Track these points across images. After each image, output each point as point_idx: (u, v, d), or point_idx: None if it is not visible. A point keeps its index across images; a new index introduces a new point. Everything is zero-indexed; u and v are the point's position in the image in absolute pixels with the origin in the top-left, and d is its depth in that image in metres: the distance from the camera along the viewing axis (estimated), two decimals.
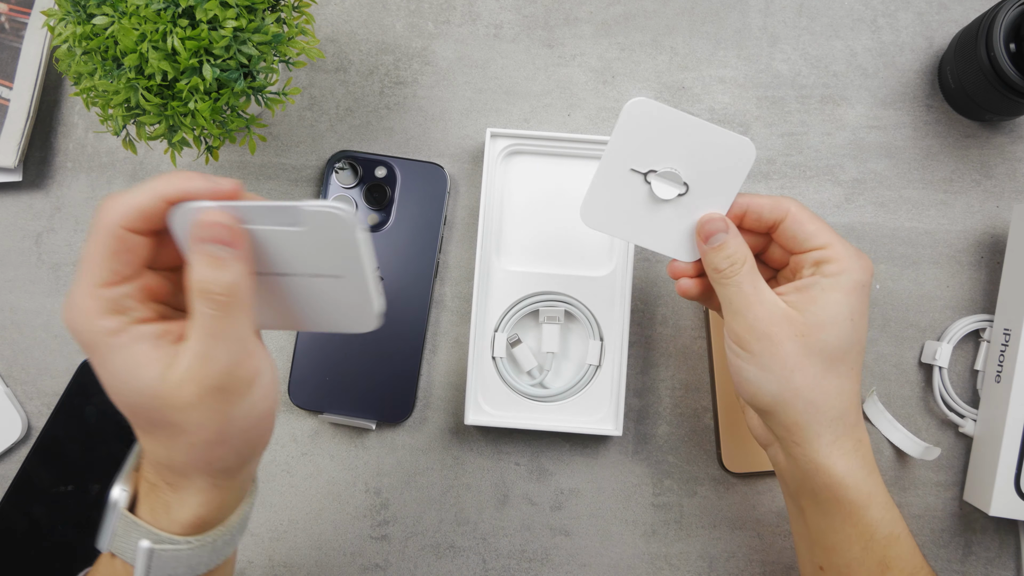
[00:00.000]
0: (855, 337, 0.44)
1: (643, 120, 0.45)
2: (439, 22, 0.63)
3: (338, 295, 0.41)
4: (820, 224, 0.46)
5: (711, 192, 0.47)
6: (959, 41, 0.59)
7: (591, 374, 0.59)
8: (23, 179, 0.62)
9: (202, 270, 0.36)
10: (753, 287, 0.45)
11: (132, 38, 0.45)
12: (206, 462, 0.38)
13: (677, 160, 0.46)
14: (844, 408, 0.45)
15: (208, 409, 0.36)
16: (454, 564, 0.60)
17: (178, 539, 0.39)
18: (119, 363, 0.36)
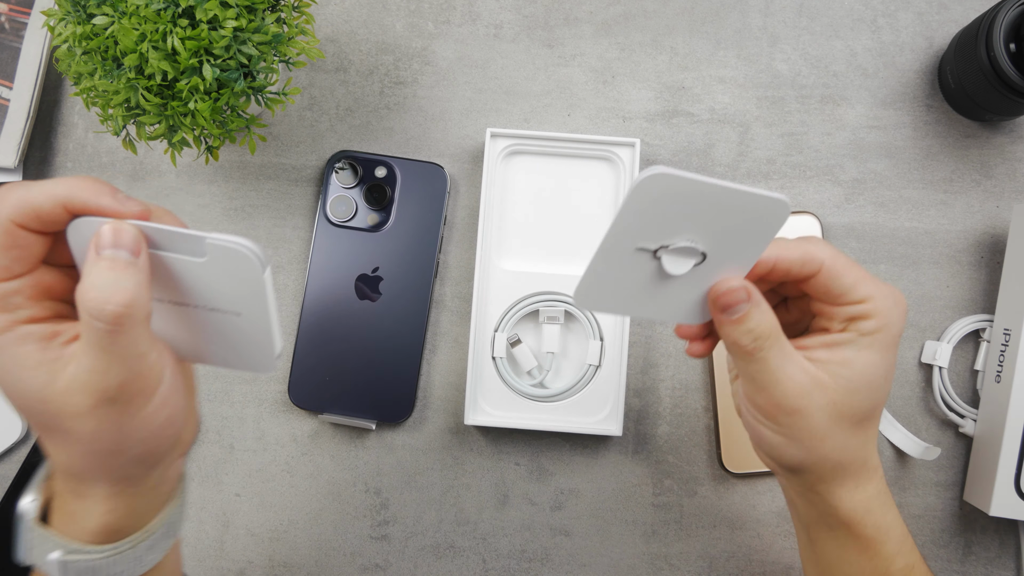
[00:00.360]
0: (886, 391, 0.41)
1: (658, 195, 0.35)
2: (439, 22, 0.63)
3: (237, 332, 0.39)
4: (857, 273, 0.40)
5: (731, 257, 0.39)
6: (959, 41, 0.59)
7: (591, 374, 0.59)
8: (23, 179, 0.62)
9: (99, 277, 0.32)
10: (781, 359, 0.39)
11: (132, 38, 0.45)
12: (105, 470, 0.36)
13: (694, 230, 0.37)
14: (867, 455, 0.42)
15: (101, 420, 0.34)
16: (454, 564, 0.60)
17: (90, 548, 0.36)
18: (5, 363, 0.33)
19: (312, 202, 0.62)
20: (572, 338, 0.60)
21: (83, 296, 0.32)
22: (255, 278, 0.36)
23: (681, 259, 0.38)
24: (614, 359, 0.59)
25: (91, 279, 0.32)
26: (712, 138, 0.62)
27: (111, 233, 0.33)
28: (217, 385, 0.61)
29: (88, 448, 0.35)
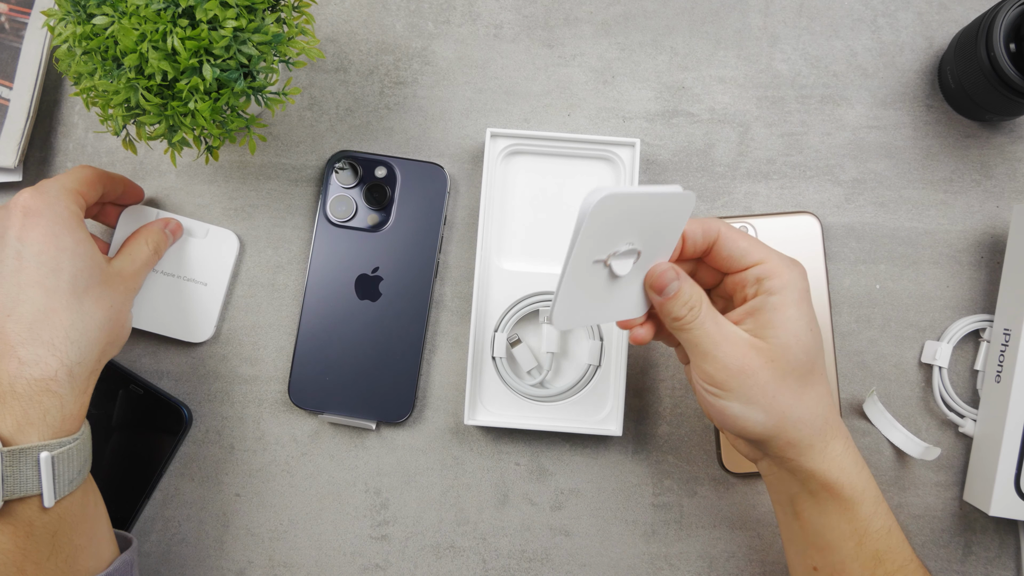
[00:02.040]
0: (816, 344, 0.45)
1: (608, 213, 0.42)
2: (439, 22, 0.63)
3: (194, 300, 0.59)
4: (751, 240, 0.46)
5: (658, 249, 0.46)
6: (959, 41, 0.59)
7: (591, 374, 0.59)
8: (23, 179, 0.62)
9: (161, 238, 0.57)
10: (716, 324, 0.45)
11: (132, 38, 0.45)
12: (107, 340, 0.48)
13: (632, 234, 0.44)
14: (826, 413, 0.46)
15: (125, 295, 0.51)
16: (454, 564, 0.60)
17: (67, 439, 0.43)
18: (83, 235, 0.49)
19: (312, 202, 0.62)
20: (572, 338, 0.60)
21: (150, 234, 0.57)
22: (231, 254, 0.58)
23: (625, 260, 0.45)
24: (614, 359, 0.59)
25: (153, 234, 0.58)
26: (712, 138, 0.62)
27: (178, 230, 0.60)
28: (217, 385, 0.61)
29: (109, 314, 0.49)
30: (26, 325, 0.43)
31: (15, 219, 0.46)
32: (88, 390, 0.46)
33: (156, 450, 0.60)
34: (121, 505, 0.59)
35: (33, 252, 0.45)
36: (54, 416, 0.42)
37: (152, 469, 0.60)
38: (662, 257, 0.46)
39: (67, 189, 0.49)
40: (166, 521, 0.61)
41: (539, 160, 0.61)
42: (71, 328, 0.45)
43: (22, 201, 0.47)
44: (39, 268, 0.45)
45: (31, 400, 0.43)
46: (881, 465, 0.60)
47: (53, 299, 0.44)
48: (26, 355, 0.43)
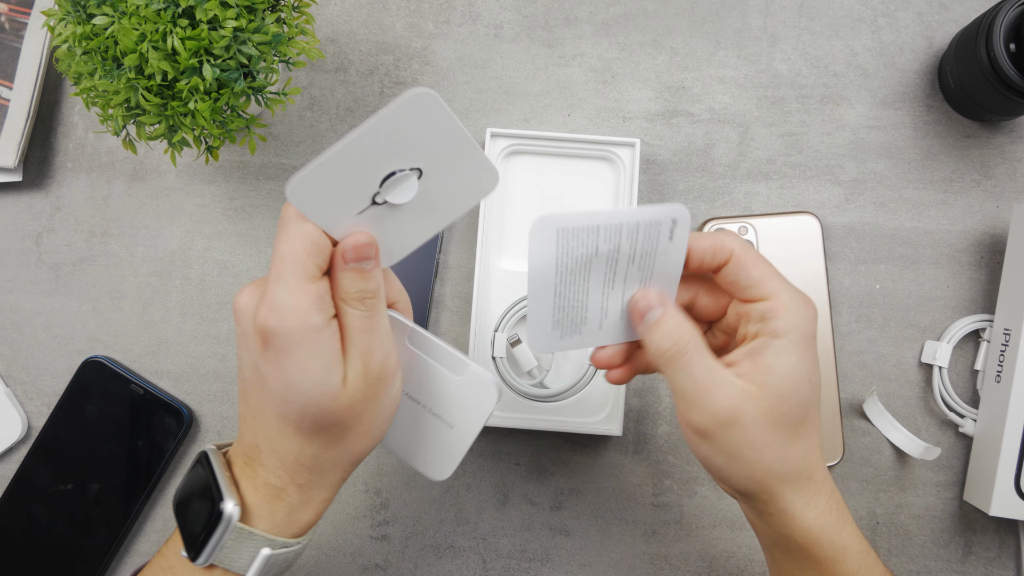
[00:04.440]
0: (814, 395, 0.41)
1: (315, 190, 0.38)
2: (439, 22, 0.63)
3: (437, 438, 0.46)
4: (765, 269, 0.42)
5: (446, 153, 0.39)
6: (959, 41, 0.59)
7: (591, 374, 0.59)
8: (23, 179, 0.62)
9: (352, 283, 0.39)
10: (706, 368, 0.40)
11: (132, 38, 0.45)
12: (350, 454, 0.41)
13: (384, 166, 0.39)
14: (811, 468, 0.42)
15: (368, 401, 0.40)
16: (454, 564, 0.60)
17: (291, 541, 0.41)
18: (315, 363, 0.38)
19: None
20: None
21: (343, 291, 0.40)
22: (489, 405, 0.45)
23: (402, 187, 0.40)
24: None
25: (346, 282, 0.39)
26: (712, 138, 0.62)
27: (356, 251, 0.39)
28: (217, 385, 0.61)
29: (351, 432, 0.41)
30: (266, 436, 0.41)
31: (252, 340, 0.39)
32: (327, 499, 0.43)
33: (156, 450, 0.60)
34: (121, 506, 0.59)
35: (269, 381, 0.40)
36: (281, 518, 0.41)
37: (152, 469, 0.60)
38: (463, 157, 0.40)
39: (298, 288, 0.38)
40: (166, 521, 0.61)
41: (539, 160, 0.61)
42: (300, 455, 0.41)
43: (259, 320, 0.38)
44: (273, 397, 0.40)
45: (267, 501, 0.41)
46: (881, 465, 0.60)
47: (278, 427, 0.41)
48: (265, 461, 0.41)
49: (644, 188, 0.62)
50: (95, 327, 0.62)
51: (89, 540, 0.59)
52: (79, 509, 0.59)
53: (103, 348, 0.62)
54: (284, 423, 0.40)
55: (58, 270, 0.62)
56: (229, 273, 0.62)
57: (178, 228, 0.62)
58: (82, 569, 0.59)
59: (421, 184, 0.40)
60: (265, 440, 0.41)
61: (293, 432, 0.40)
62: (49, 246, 0.62)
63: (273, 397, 0.39)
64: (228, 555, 0.40)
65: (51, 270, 0.62)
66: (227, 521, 0.40)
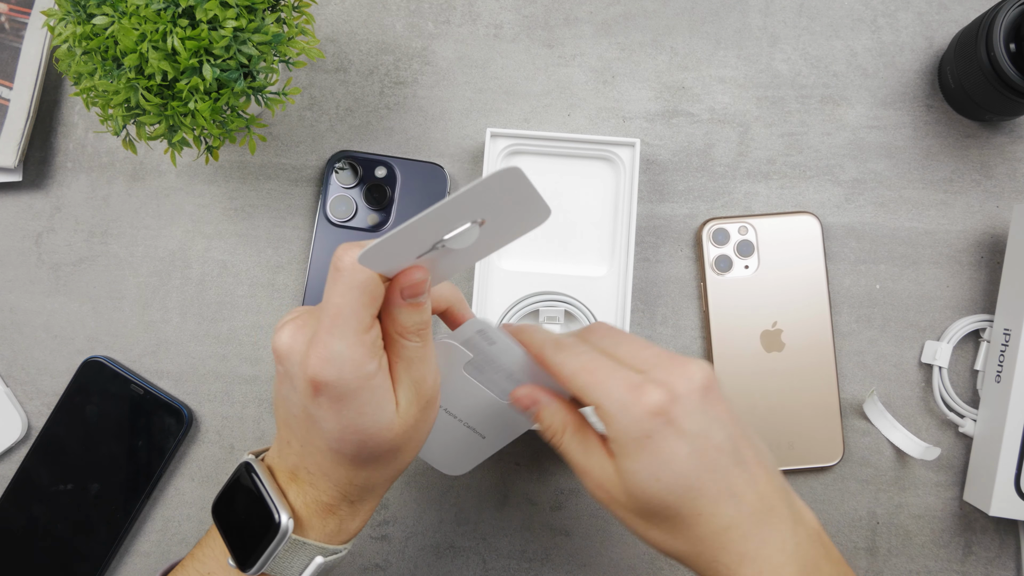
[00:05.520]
0: (676, 489, 0.39)
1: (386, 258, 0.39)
2: (439, 22, 0.63)
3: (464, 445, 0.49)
4: (583, 378, 0.40)
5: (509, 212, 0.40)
6: (959, 41, 0.59)
7: None
8: (23, 179, 0.62)
9: (408, 317, 0.40)
10: (580, 453, 0.42)
11: (132, 38, 0.45)
12: (398, 470, 0.43)
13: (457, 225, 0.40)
14: (715, 552, 0.39)
15: (420, 423, 0.41)
16: (454, 564, 0.60)
17: (339, 548, 0.43)
18: (372, 407, 0.39)
19: (312, 202, 0.62)
20: None
21: (399, 326, 0.40)
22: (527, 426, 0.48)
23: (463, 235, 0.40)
24: None
25: (401, 317, 0.40)
26: (712, 138, 0.62)
27: (411, 288, 0.39)
28: (217, 385, 0.61)
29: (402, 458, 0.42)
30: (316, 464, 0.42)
31: (301, 386, 0.39)
32: (374, 507, 0.45)
33: (156, 450, 0.60)
34: (121, 505, 0.59)
35: (323, 423, 0.39)
36: (332, 528, 0.43)
37: (152, 469, 0.60)
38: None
39: (354, 340, 0.38)
40: (166, 521, 0.61)
41: (539, 160, 0.61)
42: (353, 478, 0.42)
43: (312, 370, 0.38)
44: (326, 434, 0.40)
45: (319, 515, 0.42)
46: (881, 465, 0.60)
47: (332, 459, 0.41)
48: (317, 482, 0.42)
49: (644, 188, 0.62)
50: (95, 327, 0.62)
51: (89, 540, 0.59)
52: (79, 509, 0.59)
53: (103, 348, 0.62)
54: (339, 456, 0.41)
55: (58, 270, 0.62)
56: (229, 273, 0.62)
57: (178, 228, 0.62)
58: (82, 569, 0.59)
59: (481, 228, 0.40)
60: (316, 466, 0.42)
61: (349, 464, 0.41)
62: (49, 246, 0.62)
63: (327, 436, 0.40)
64: (279, 564, 0.41)
65: (51, 270, 0.62)
66: (283, 533, 0.41)
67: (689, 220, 0.62)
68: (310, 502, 0.42)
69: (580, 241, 0.60)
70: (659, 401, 0.38)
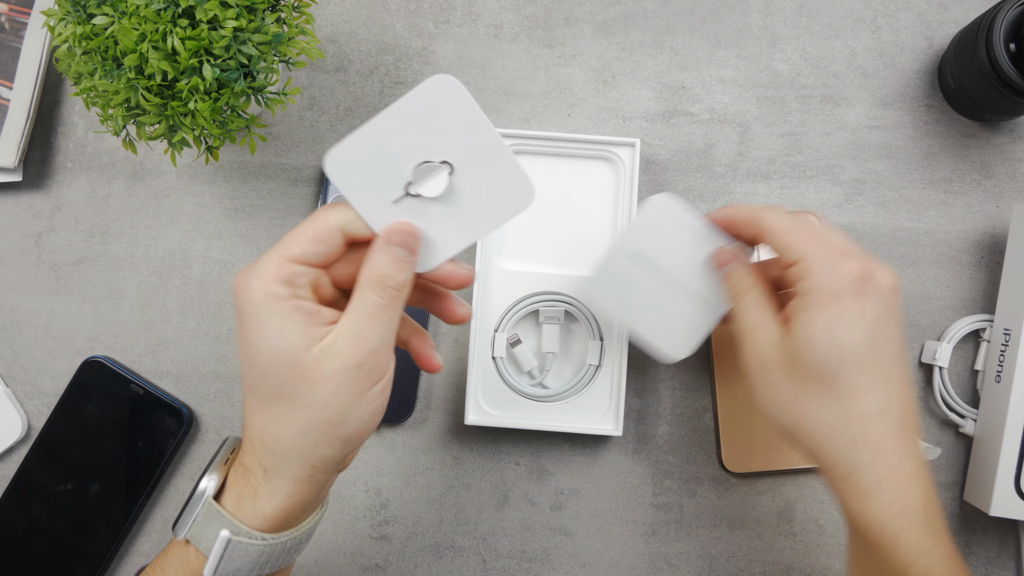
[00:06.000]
0: (845, 352, 0.41)
1: (351, 164, 0.41)
2: (439, 22, 0.63)
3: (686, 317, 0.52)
4: (795, 236, 0.44)
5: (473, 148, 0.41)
6: (959, 41, 0.59)
7: (591, 374, 0.59)
8: (23, 179, 0.62)
9: (384, 265, 0.40)
10: (758, 312, 0.45)
11: (132, 38, 0.45)
12: (314, 445, 0.39)
13: (416, 154, 0.41)
14: (855, 435, 0.41)
15: (339, 387, 0.38)
16: (454, 564, 0.60)
17: (254, 533, 0.40)
18: (271, 326, 0.38)
19: (312, 202, 0.62)
20: (572, 338, 0.60)
21: (371, 271, 0.40)
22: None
23: (433, 180, 0.41)
24: (614, 359, 0.59)
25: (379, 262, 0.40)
26: (712, 138, 0.62)
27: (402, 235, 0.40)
28: (217, 385, 0.61)
29: (313, 415, 0.39)
30: (245, 415, 0.41)
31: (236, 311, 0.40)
32: (293, 495, 0.40)
33: (156, 450, 0.60)
34: (121, 505, 0.59)
35: (239, 349, 0.40)
36: (246, 502, 0.40)
37: (152, 469, 0.60)
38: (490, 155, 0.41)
39: (272, 262, 0.39)
40: (166, 521, 0.61)
41: (539, 160, 0.61)
42: (263, 431, 0.40)
43: (239, 298, 0.39)
44: (242, 365, 0.40)
45: (236, 480, 0.41)
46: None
47: (249, 400, 0.40)
48: (244, 443, 0.41)
49: (644, 188, 0.62)
50: (95, 327, 0.62)
51: (89, 540, 0.59)
52: (79, 509, 0.59)
53: (103, 348, 0.62)
54: (249, 394, 0.40)
55: (58, 270, 0.62)
56: (229, 273, 0.62)
57: (178, 228, 0.62)
58: (82, 569, 0.59)
59: (453, 183, 0.41)
60: (245, 420, 0.41)
61: (256, 404, 0.40)
62: (49, 246, 0.62)
63: (242, 367, 0.40)
64: (199, 531, 0.40)
65: (51, 270, 0.62)
66: (200, 494, 0.40)
67: None
68: (236, 467, 0.41)
69: (580, 241, 0.60)
70: (860, 273, 0.42)
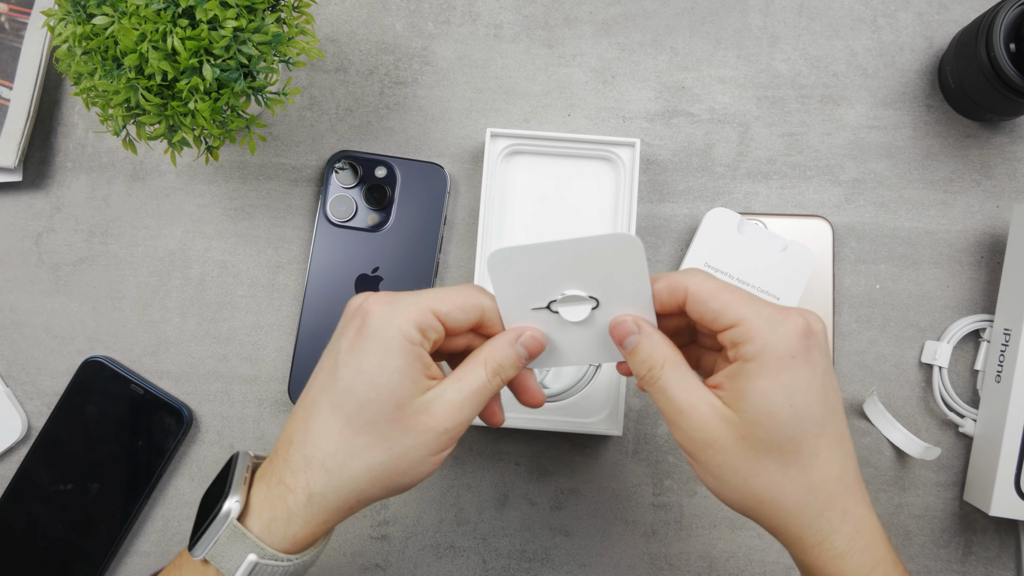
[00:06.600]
0: (803, 421, 0.38)
1: (510, 267, 0.41)
2: (439, 22, 0.63)
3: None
4: (729, 297, 0.39)
5: (623, 298, 0.42)
6: (959, 41, 0.59)
7: (591, 374, 0.59)
8: (23, 179, 0.62)
9: (507, 356, 0.42)
10: (682, 389, 0.40)
11: (132, 38, 0.45)
12: (372, 484, 0.40)
13: (569, 281, 0.41)
14: (821, 504, 0.39)
15: (422, 443, 0.40)
16: (454, 564, 0.60)
17: (280, 556, 0.40)
18: (395, 364, 0.40)
19: (312, 202, 0.62)
20: None
21: (493, 356, 0.42)
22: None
23: (575, 307, 0.42)
24: None
25: (503, 352, 0.42)
26: (712, 138, 0.62)
27: (532, 342, 0.43)
28: (217, 385, 0.61)
29: (388, 459, 0.40)
30: (303, 429, 0.41)
31: (351, 329, 0.42)
32: (327, 523, 0.41)
33: (156, 450, 0.60)
34: (121, 506, 0.59)
35: (344, 368, 0.41)
36: (279, 527, 0.40)
37: (152, 469, 0.60)
38: (634, 306, 0.42)
39: (417, 308, 0.41)
40: (166, 521, 0.61)
41: (539, 160, 0.61)
42: (331, 456, 0.40)
43: (371, 301, 0.41)
44: (337, 383, 0.41)
45: (270, 500, 0.41)
46: (881, 465, 0.60)
47: (331, 420, 0.40)
48: (290, 458, 0.41)
49: (644, 188, 0.62)
50: (95, 327, 0.62)
51: (89, 540, 0.59)
52: (79, 509, 0.59)
53: (103, 348, 0.62)
54: (335, 413, 0.40)
55: (58, 270, 0.62)
56: (229, 273, 0.62)
57: (178, 228, 0.62)
58: (82, 569, 0.59)
59: (592, 314, 0.42)
60: (302, 433, 0.41)
61: (338, 427, 0.40)
62: (49, 246, 0.62)
63: (338, 386, 0.40)
64: (221, 552, 0.40)
65: (51, 270, 0.62)
66: (224, 516, 0.40)
67: (689, 220, 0.62)
68: (273, 485, 0.41)
69: None
70: (804, 328, 0.38)
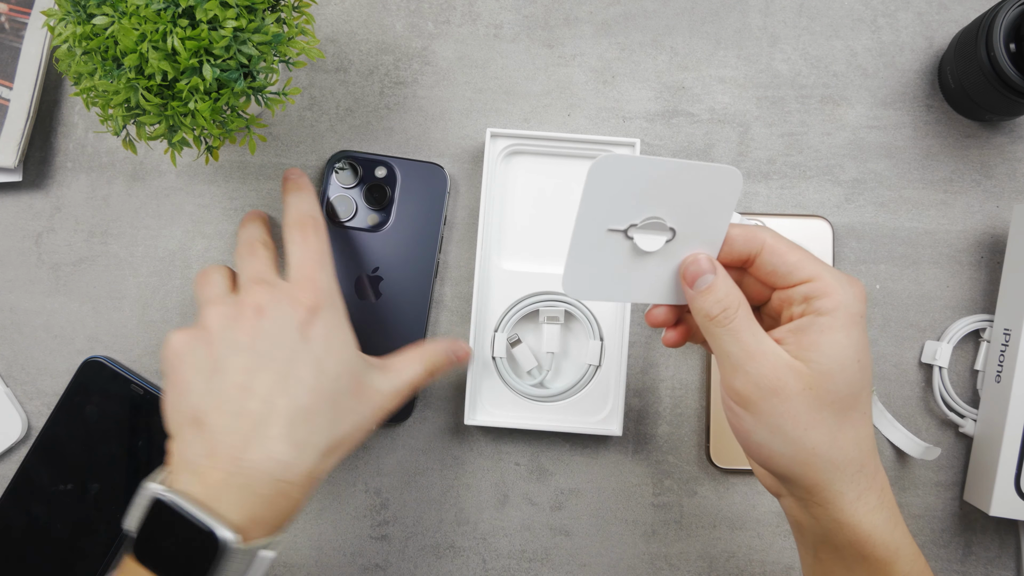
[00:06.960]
0: (864, 378, 0.40)
1: (612, 176, 0.39)
2: (439, 22, 0.63)
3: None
4: (802, 253, 0.41)
5: (699, 232, 0.41)
6: (959, 41, 0.59)
7: (591, 374, 0.59)
8: (23, 179, 0.62)
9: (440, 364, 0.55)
10: (752, 335, 0.40)
11: (132, 38, 0.45)
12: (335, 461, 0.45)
13: (658, 206, 0.40)
14: (863, 459, 0.40)
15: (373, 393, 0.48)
16: (454, 564, 0.60)
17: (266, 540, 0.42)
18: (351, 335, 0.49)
19: None
20: (572, 338, 0.60)
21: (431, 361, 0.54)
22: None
23: (652, 236, 0.41)
24: (614, 359, 0.59)
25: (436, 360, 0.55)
26: (712, 138, 0.62)
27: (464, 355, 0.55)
28: None
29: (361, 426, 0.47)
30: (286, 421, 0.41)
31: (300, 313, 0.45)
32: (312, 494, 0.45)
33: (156, 450, 0.60)
34: (121, 506, 0.59)
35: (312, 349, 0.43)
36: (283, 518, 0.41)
37: (152, 469, 0.60)
38: (705, 246, 0.41)
39: (336, 283, 0.48)
40: None
41: (539, 160, 0.61)
42: (321, 434, 0.42)
43: (305, 299, 0.46)
44: (310, 365, 0.42)
45: (269, 501, 0.41)
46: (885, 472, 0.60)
47: (314, 399, 0.42)
48: (279, 454, 0.41)
49: None
50: (95, 327, 0.62)
51: (89, 540, 0.59)
52: (79, 509, 0.59)
53: (103, 348, 0.62)
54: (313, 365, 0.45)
55: (58, 270, 0.62)
56: None
57: (178, 228, 0.62)
58: (82, 569, 0.59)
59: (666, 247, 0.41)
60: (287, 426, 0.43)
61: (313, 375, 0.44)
62: (49, 246, 0.62)
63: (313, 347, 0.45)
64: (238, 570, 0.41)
65: (51, 270, 0.62)
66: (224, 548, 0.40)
67: None
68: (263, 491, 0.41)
69: None
70: (865, 293, 0.41)
